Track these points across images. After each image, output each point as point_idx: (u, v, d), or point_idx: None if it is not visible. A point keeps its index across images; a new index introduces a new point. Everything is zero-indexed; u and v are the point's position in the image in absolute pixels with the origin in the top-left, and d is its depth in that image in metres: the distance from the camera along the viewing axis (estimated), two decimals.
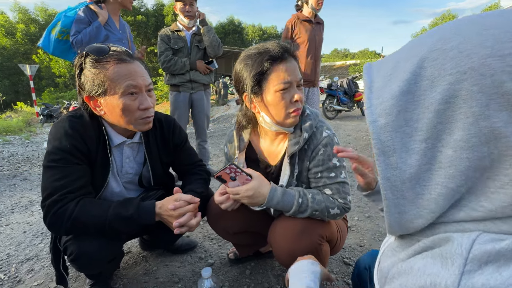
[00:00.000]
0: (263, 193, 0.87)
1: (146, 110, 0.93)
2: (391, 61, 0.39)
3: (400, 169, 0.35)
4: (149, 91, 0.95)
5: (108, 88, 0.87)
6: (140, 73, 0.91)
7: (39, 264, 1.39)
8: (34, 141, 5.24)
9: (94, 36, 1.91)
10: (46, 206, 0.84)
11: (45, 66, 25.50)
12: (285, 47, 0.87)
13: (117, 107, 0.89)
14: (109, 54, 0.88)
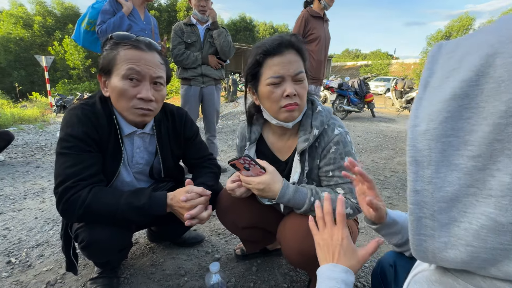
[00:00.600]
0: (274, 189, 0.85)
1: (143, 101, 0.90)
2: (462, 49, 0.31)
3: (435, 185, 0.30)
4: (155, 83, 0.93)
5: (114, 68, 0.89)
6: (149, 62, 0.90)
7: (49, 250, 1.41)
8: (47, 130, 5.36)
9: (117, 26, 1.97)
10: (59, 193, 0.85)
11: (60, 58, 26.09)
12: (283, 40, 0.84)
13: (115, 89, 0.89)
14: (129, 40, 0.88)
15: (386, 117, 7.41)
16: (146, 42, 0.92)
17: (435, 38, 32.46)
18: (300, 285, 1.18)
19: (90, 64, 26.74)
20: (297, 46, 0.86)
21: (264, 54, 0.85)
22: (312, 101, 0.97)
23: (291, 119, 0.90)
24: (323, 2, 2.56)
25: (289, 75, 0.84)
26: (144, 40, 0.92)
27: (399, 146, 3.94)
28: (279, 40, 0.84)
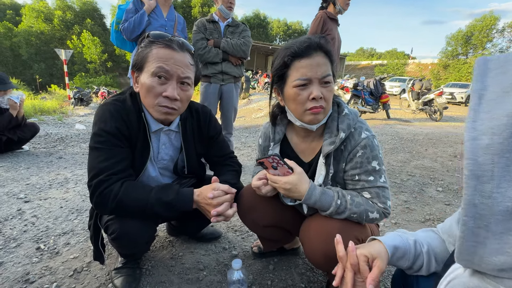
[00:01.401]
0: (301, 190, 0.86)
1: (168, 99, 0.92)
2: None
3: (495, 199, 0.30)
4: (182, 83, 0.95)
5: (145, 65, 0.92)
6: (179, 62, 0.92)
7: (75, 239, 1.48)
8: (66, 122, 5.56)
9: (138, 23, 2.05)
10: (93, 186, 0.88)
11: (77, 51, 26.87)
12: (312, 42, 0.84)
13: (144, 85, 0.92)
14: (163, 39, 0.91)
15: (401, 118, 7.24)
16: (179, 42, 0.94)
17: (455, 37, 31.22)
18: (318, 285, 1.19)
19: (106, 59, 27.39)
20: (326, 49, 0.86)
21: (292, 56, 0.85)
22: (339, 104, 0.97)
23: (315, 122, 0.90)
24: (338, 7, 2.55)
25: (316, 78, 0.84)
26: (177, 40, 0.94)
27: (416, 149, 3.85)
28: (308, 42, 0.85)
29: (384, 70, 31.32)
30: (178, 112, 0.99)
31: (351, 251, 0.65)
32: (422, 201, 2.16)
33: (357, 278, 0.64)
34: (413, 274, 0.71)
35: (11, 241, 1.43)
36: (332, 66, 0.88)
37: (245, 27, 2.52)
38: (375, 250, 0.65)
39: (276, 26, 41.82)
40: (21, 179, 2.30)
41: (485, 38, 29.69)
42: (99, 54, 26.97)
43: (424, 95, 7.45)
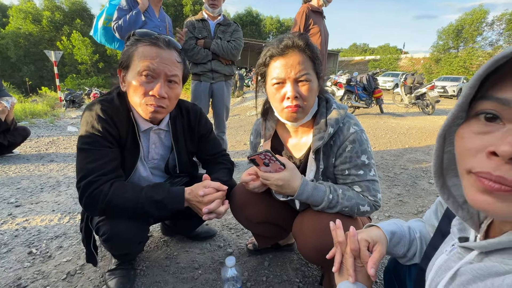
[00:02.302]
0: (293, 186, 0.86)
1: (155, 98, 0.91)
2: None
3: None
4: (170, 81, 0.94)
5: (131, 63, 0.91)
6: (166, 60, 0.91)
7: (67, 242, 1.46)
8: (58, 124, 5.47)
9: (133, 22, 2.00)
10: (82, 187, 0.87)
11: (68, 53, 26.41)
12: (288, 41, 0.84)
13: (131, 84, 0.91)
14: (149, 37, 0.90)
15: (394, 113, 7.30)
16: (165, 40, 0.92)
17: (446, 31, 31.53)
18: (312, 280, 1.20)
19: (97, 59, 26.99)
20: (303, 46, 0.85)
21: (269, 56, 0.88)
22: (327, 99, 0.97)
23: (293, 120, 0.91)
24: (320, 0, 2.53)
25: (290, 78, 0.84)
26: (164, 37, 0.93)
27: (409, 143, 3.90)
28: (284, 42, 0.85)
29: (377, 65, 31.49)
30: (166, 111, 0.97)
31: (352, 236, 0.64)
32: (415, 194, 2.19)
33: (356, 264, 0.64)
34: (406, 263, 0.72)
35: (1, 246, 1.41)
36: (314, 63, 0.87)
37: (237, 27, 2.49)
38: (375, 235, 0.66)
39: (269, 23, 41.69)
40: (12, 183, 2.26)
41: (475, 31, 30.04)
42: (90, 55, 26.54)
43: (416, 89, 7.52)
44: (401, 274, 0.74)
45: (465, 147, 0.36)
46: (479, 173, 0.34)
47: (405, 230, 0.71)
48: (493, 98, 0.33)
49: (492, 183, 0.33)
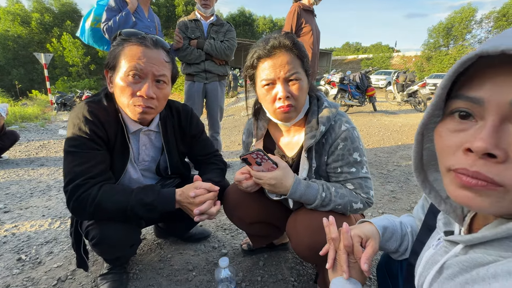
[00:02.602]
0: (286, 184, 0.86)
1: (143, 98, 0.89)
2: None
3: None
4: (158, 81, 0.92)
5: (118, 64, 0.89)
6: (153, 59, 0.89)
7: (58, 247, 1.43)
8: (49, 128, 5.38)
9: (123, 23, 1.98)
10: (69, 191, 0.85)
11: (58, 55, 25.97)
12: (274, 41, 0.84)
13: (118, 85, 0.89)
14: (136, 37, 0.89)
15: (387, 110, 7.38)
16: (152, 39, 0.91)
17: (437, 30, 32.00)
18: (307, 278, 1.20)
19: (89, 61, 26.60)
20: (290, 46, 0.84)
21: (257, 58, 0.87)
22: (318, 97, 0.97)
23: (286, 120, 0.91)
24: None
25: (280, 78, 0.83)
26: (151, 37, 0.91)
27: (402, 140, 3.94)
28: (270, 42, 0.84)
29: (370, 63, 31.81)
30: (155, 111, 0.96)
31: (345, 231, 0.64)
32: (408, 190, 2.21)
33: (350, 259, 0.64)
34: (399, 258, 0.73)
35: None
36: (302, 61, 0.87)
37: (230, 27, 2.48)
38: (368, 230, 0.66)
39: (262, 23, 41.72)
40: (0, 189, 2.20)
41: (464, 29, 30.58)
42: (81, 56, 26.12)
43: (408, 87, 7.61)
44: (393, 270, 0.74)
45: (443, 145, 0.38)
46: (457, 169, 0.35)
47: (397, 225, 0.72)
48: (464, 97, 0.35)
49: (469, 178, 0.34)
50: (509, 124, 0.32)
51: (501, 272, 0.33)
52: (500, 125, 0.32)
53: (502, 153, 0.31)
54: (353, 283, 0.61)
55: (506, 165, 0.31)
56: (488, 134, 0.31)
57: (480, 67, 0.34)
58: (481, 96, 0.33)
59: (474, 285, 0.35)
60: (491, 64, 0.33)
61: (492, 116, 0.32)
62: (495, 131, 0.31)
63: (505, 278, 0.32)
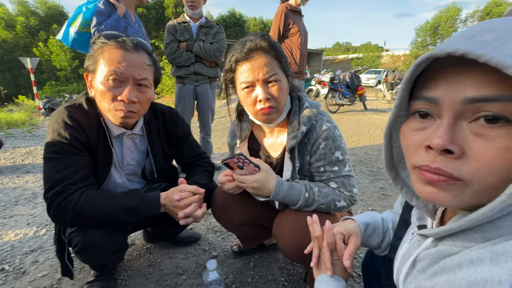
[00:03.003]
0: (269, 187, 0.85)
1: (124, 102, 0.88)
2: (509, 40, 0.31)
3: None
4: (139, 85, 0.90)
5: (98, 67, 0.87)
6: (134, 63, 0.87)
7: (44, 256, 1.39)
8: (36, 134, 5.24)
9: (114, 27, 1.96)
10: (49, 198, 0.83)
11: (45, 59, 25.38)
12: (251, 44, 0.84)
13: (98, 89, 0.88)
14: (116, 39, 0.87)
15: (378, 109, 7.49)
16: (134, 42, 0.89)
17: (424, 29, 32.70)
18: (297, 278, 1.20)
19: (77, 65, 26.09)
20: (267, 48, 0.84)
21: (235, 61, 0.87)
22: (300, 98, 0.97)
23: (269, 122, 0.91)
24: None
25: (258, 80, 0.83)
26: (132, 39, 0.89)
27: None
28: (247, 45, 0.84)
29: (360, 63, 32.25)
30: (137, 115, 0.95)
31: (328, 229, 0.65)
32: None
33: (333, 257, 0.65)
34: (381, 254, 0.74)
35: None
36: (280, 62, 0.87)
37: (220, 28, 2.47)
38: (350, 227, 0.67)
39: (253, 25, 41.81)
40: None
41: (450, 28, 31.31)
42: (69, 60, 25.57)
43: (397, 85, 7.75)
44: (377, 265, 0.75)
45: (407, 143, 0.39)
46: (421, 166, 0.36)
47: (379, 221, 0.73)
48: (422, 98, 0.37)
49: (431, 174, 0.35)
50: (463, 121, 0.33)
51: (465, 261, 0.34)
52: (455, 122, 0.33)
53: (458, 149, 0.32)
54: (336, 279, 0.62)
55: (462, 160, 0.33)
56: (444, 132, 0.33)
57: (436, 68, 0.35)
58: (436, 96, 0.35)
59: (442, 275, 0.37)
60: (444, 65, 0.34)
61: (447, 114, 0.33)
62: (450, 128, 0.33)
63: (467, 267, 0.33)
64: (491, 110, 0.30)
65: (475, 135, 0.32)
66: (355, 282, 1.19)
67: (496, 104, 0.30)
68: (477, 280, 0.31)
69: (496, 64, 0.28)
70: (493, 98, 0.30)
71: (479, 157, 0.31)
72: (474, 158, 0.32)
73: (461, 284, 0.32)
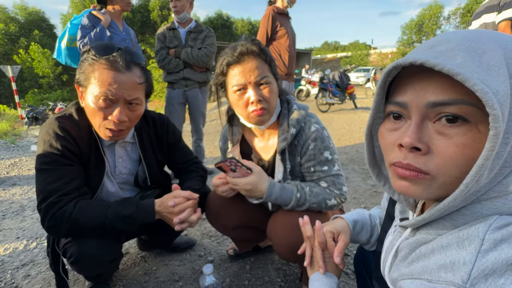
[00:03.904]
0: (261, 188, 0.88)
1: (112, 122, 0.88)
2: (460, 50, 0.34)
3: None
4: (130, 104, 0.90)
5: (89, 85, 0.87)
6: (125, 85, 0.86)
7: (35, 269, 1.37)
8: (20, 144, 5.09)
9: (98, 38, 1.98)
10: (43, 209, 0.83)
11: (27, 66, 24.60)
12: (242, 48, 0.87)
13: (89, 106, 0.88)
14: (107, 56, 0.85)
15: (368, 107, 7.62)
16: (126, 59, 0.87)
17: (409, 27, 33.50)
18: (293, 278, 1.22)
19: (61, 71, 25.41)
20: (257, 51, 0.88)
21: (226, 65, 0.89)
22: (288, 101, 1.00)
23: (261, 123, 0.93)
24: (286, 0, 2.58)
25: (250, 82, 0.86)
26: (124, 57, 0.87)
27: None
28: (238, 49, 0.87)
29: (349, 61, 32.76)
30: (126, 132, 0.95)
31: (318, 229, 0.68)
32: None
33: (325, 255, 0.68)
34: (371, 249, 0.77)
35: None
36: (270, 66, 0.90)
37: (209, 32, 2.45)
38: (339, 225, 0.70)
39: (241, 26, 41.85)
40: None
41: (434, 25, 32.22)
42: (52, 67, 24.83)
43: None
44: (367, 260, 0.78)
45: (384, 143, 0.43)
46: (395, 163, 0.40)
47: (367, 217, 0.76)
48: (394, 102, 0.41)
49: (404, 170, 0.39)
50: (428, 122, 0.37)
51: (437, 247, 0.38)
52: (422, 123, 0.37)
53: (425, 146, 0.36)
54: (328, 276, 0.65)
55: (429, 156, 0.37)
56: (412, 131, 0.37)
57: (405, 75, 0.39)
58: (405, 101, 0.39)
59: (419, 262, 0.40)
60: (411, 72, 0.38)
61: (415, 116, 0.38)
62: (418, 128, 0.37)
63: (439, 252, 0.37)
64: (450, 112, 0.34)
65: (439, 133, 0.36)
66: (349, 278, 1.22)
67: (453, 106, 0.34)
68: (446, 263, 0.34)
69: (448, 72, 0.32)
70: (450, 102, 0.34)
71: (442, 153, 0.35)
72: (438, 154, 0.36)
73: (433, 268, 0.36)
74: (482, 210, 0.36)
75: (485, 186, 0.36)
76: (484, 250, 0.32)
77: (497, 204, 0.35)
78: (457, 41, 0.35)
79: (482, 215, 0.36)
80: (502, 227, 0.33)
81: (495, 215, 0.35)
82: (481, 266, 0.31)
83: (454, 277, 0.33)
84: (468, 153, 0.34)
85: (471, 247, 0.33)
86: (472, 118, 0.34)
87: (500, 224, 0.33)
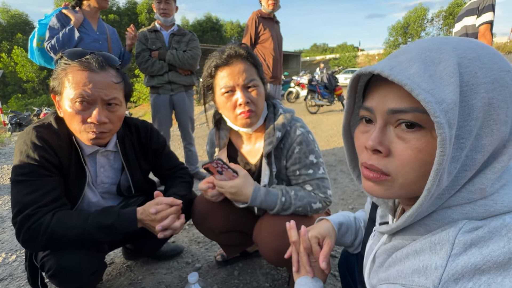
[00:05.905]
0: (246, 192, 0.87)
1: (93, 124, 0.86)
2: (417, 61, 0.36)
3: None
4: (109, 104, 0.88)
5: (64, 90, 0.85)
6: (100, 84, 0.85)
7: (14, 284, 1.31)
8: (2, 152, 4.90)
9: (67, 39, 1.88)
10: (18, 222, 0.79)
11: (10, 71, 23.81)
12: (231, 51, 0.88)
13: (67, 112, 0.86)
14: (80, 59, 0.84)
15: None
16: (98, 60, 0.86)
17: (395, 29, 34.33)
18: (282, 282, 1.22)
19: (46, 76, 24.71)
20: (245, 55, 0.89)
21: (214, 67, 0.89)
22: (274, 105, 1.01)
23: (248, 126, 0.93)
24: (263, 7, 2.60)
25: (238, 85, 0.87)
26: (97, 57, 0.86)
27: None
28: (226, 52, 0.88)
29: (337, 63, 33.29)
30: (110, 134, 0.93)
31: (303, 234, 0.68)
32: None
33: (311, 260, 0.68)
34: (355, 252, 0.78)
35: None
36: (257, 69, 0.91)
37: (193, 36, 2.43)
38: (324, 229, 0.71)
39: (230, 28, 41.94)
40: None
41: (419, 27, 33.18)
42: (37, 71, 24.10)
43: None
44: (350, 263, 0.78)
45: (357, 144, 0.46)
46: (362, 164, 0.43)
47: (352, 220, 0.77)
48: (364, 107, 0.43)
49: (368, 171, 0.41)
50: (391, 126, 0.39)
51: (411, 252, 0.39)
52: (385, 127, 0.39)
53: (385, 149, 0.39)
54: (314, 281, 0.65)
55: (389, 158, 0.39)
56: (375, 135, 0.39)
57: (376, 81, 0.42)
58: (371, 106, 0.41)
59: (395, 266, 0.41)
60: (379, 80, 0.40)
61: (379, 121, 0.40)
62: (380, 132, 0.39)
63: (413, 257, 0.38)
64: (407, 118, 0.37)
65: (398, 138, 0.38)
66: (337, 280, 1.22)
67: (408, 114, 0.36)
68: (420, 268, 0.35)
69: (398, 83, 0.34)
70: (406, 110, 0.36)
71: (400, 156, 0.37)
72: (397, 157, 0.38)
73: (407, 272, 0.37)
74: (452, 215, 0.37)
75: (448, 189, 0.37)
76: (454, 255, 0.33)
77: (466, 209, 0.37)
78: (417, 51, 0.37)
79: (453, 219, 0.37)
80: (472, 231, 0.34)
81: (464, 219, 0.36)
82: (451, 271, 0.32)
83: (426, 281, 0.34)
84: (422, 157, 0.36)
85: (442, 251, 0.34)
86: (426, 125, 0.36)
87: (469, 228, 0.34)
